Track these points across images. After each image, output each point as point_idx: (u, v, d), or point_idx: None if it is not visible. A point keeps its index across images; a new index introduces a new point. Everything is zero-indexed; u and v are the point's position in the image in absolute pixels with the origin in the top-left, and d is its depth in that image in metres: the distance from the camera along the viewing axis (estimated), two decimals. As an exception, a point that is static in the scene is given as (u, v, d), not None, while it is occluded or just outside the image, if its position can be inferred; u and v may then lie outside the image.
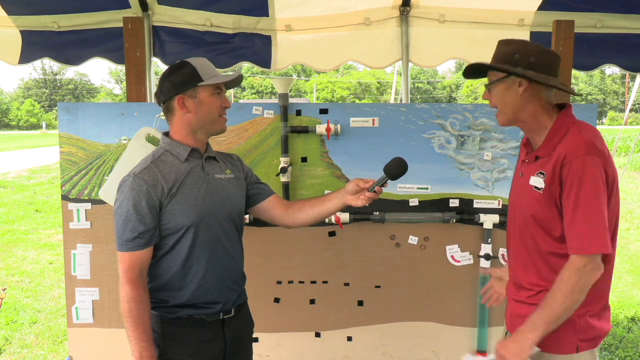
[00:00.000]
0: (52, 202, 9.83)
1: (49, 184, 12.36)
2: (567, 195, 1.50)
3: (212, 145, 1.85)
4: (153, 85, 3.08)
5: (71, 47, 3.39)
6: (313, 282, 2.52)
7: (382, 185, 1.75)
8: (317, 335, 2.55)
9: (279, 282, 2.52)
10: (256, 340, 2.43)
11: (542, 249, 1.60)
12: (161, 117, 2.36)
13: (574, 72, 2.91)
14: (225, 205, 1.74)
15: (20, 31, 3.31)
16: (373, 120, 2.45)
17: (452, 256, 2.52)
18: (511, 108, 1.62)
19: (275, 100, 2.64)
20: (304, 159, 2.46)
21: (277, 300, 2.53)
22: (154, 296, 1.69)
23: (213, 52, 3.44)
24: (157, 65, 3.73)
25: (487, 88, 1.66)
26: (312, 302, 2.53)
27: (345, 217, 2.44)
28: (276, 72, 3.81)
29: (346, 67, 55.71)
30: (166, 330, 1.69)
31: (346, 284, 2.53)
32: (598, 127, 1.79)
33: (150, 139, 2.38)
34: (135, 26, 2.48)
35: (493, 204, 2.48)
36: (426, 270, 2.52)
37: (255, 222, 2.40)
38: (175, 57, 3.37)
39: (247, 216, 2.31)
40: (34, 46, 3.37)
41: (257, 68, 3.69)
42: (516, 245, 1.70)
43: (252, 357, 1.96)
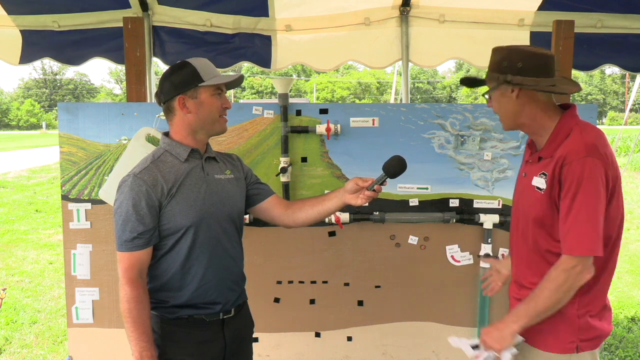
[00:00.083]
0: (52, 202, 9.83)
1: (49, 184, 12.36)
2: (565, 195, 1.51)
3: (212, 145, 1.85)
4: (153, 85, 3.08)
5: (72, 47, 3.40)
6: (313, 282, 2.52)
7: (382, 183, 1.75)
8: (317, 335, 2.55)
9: (279, 282, 2.52)
10: (256, 340, 2.43)
11: (543, 249, 1.60)
12: (161, 117, 2.36)
13: (574, 72, 2.91)
14: (225, 205, 1.74)
15: (20, 31, 3.31)
16: (373, 120, 2.45)
17: (452, 256, 2.52)
18: (509, 114, 1.64)
19: (275, 100, 2.64)
20: (304, 159, 2.46)
21: (277, 300, 2.53)
22: (154, 296, 1.69)
23: (213, 52, 3.44)
24: (157, 65, 3.74)
25: (487, 96, 1.69)
26: (312, 302, 2.53)
27: (345, 217, 2.44)
28: (276, 72, 3.82)
29: (346, 67, 55.67)
30: (166, 330, 1.69)
31: (346, 284, 2.53)
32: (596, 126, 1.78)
33: (150, 139, 2.38)
34: (135, 26, 2.48)
35: (493, 204, 2.48)
36: (426, 270, 2.52)
37: (255, 222, 2.40)
38: (175, 57, 3.37)
39: (247, 216, 2.31)
40: (35, 46, 3.37)
41: (257, 68, 3.69)
42: (519, 244, 1.71)
43: (252, 357, 1.96)
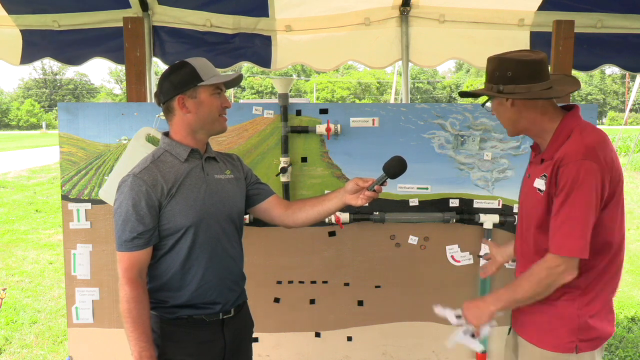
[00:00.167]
0: (52, 202, 9.82)
1: (49, 184, 12.36)
2: (558, 195, 1.52)
3: (212, 145, 1.85)
4: (153, 85, 3.08)
5: (72, 47, 3.40)
6: (313, 282, 2.52)
7: (382, 184, 1.75)
8: (317, 335, 2.55)
9: (279, 282, 2.52)
10: (256, 340, 2.43)
11: (543, 249, 1.60)
12: (161, 117, 2.35)
13: (574, 72, 2.90)
14: (225, 205, 1.74)
15: (20, 30, 3.31)
16: (373, 120, 2.45)
17: (452, 256, 2.52)
18: (509, 122, 1.67)
19: (275, 100, 2.64)
20: (304, 159, 2.46)
21: (277, 300, 2.53)
22: (154, 296, 1.69)
23: (213, 52, 3.44)
24: (157, 65, 3.74)
25: (488, 105, 1.73)
26: (312, 302, 2.53)
27: (345, 217, 2.44)
28: (276, 72, 3.81)
29: (346, 67, 55.68)
30: (166, 330, 1.69)
31: (346, 284, 2.53)
32: (597, 127, 1.79)
33: (150, 139, 2.38)
34: (135, 26, 2.47)
35: (493, 204, 2.48)
36: (426, 270, 2.52)
37: (255, 222, 2.40)
38: (175, 57, 3.37)
39: (247, 216, 2.31)
40: (35, 46, 3.37)
41: (257, 68, 3.69)
42: (522, 244, 1.73)
43: (252, 357, 1.96)
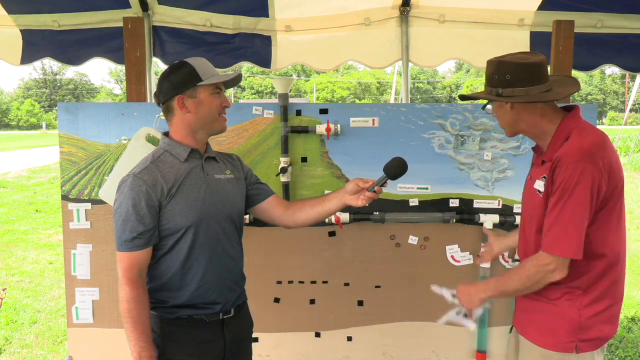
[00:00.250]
0: (52, 202, 9.83)
1: (49, 184, 12.36)
2: (552, 195, 1.53)
3: (212, 145, 1.85)
4: (153, 85, 3.08)
5: (72, 47, 3.40)
6: (313, 282, 2.52)
7: (382, 185, 1.75)
8: (317, 335, 2.55)
9: (279, 282, 2.52)
10: (256, 340, 2.43)
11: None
12: (161, 117, 2.35)
13: (574, 72, 2.90)
14: (225, 205, 1.74)
15: (20, 30, 3.31)
16: (373, 120, 2.45)
17: (452, 256, 2.52)
18: (508, 123, 1.68)
19: (275, 100, 2.64)
20: (304, 159, 2.46)
21: (277, 300, 2.53)
22: (154, 296, 1.69)
23: (213, 52, 3.43)
24: (157, 65, 3.73)
25: (489, 107, 1.75)
26: (312, 302, 2.53)
27: (345, 217, 2.44)
28: (276, 72, 3.81)
29: (346, 67, 55.67)
30: (165, 330, 1.69)
31: (346, 284, 2.53)
32: (598, 127, 1.79)
33: (150, 139, 2.38)
34: (135, 26, 2.47)
35: (493, 204, 2.48)
36: (426, 270, 2.52)
37: (255, 222, 2.40)
38: (175, 57, 3.37)
39: (247, 216, 2.31)
40: (35, 46, 3.37)
41: (257, 68, 3.69)
42: (525, 245, 1.74)
43: (252, 357, 1.96)
